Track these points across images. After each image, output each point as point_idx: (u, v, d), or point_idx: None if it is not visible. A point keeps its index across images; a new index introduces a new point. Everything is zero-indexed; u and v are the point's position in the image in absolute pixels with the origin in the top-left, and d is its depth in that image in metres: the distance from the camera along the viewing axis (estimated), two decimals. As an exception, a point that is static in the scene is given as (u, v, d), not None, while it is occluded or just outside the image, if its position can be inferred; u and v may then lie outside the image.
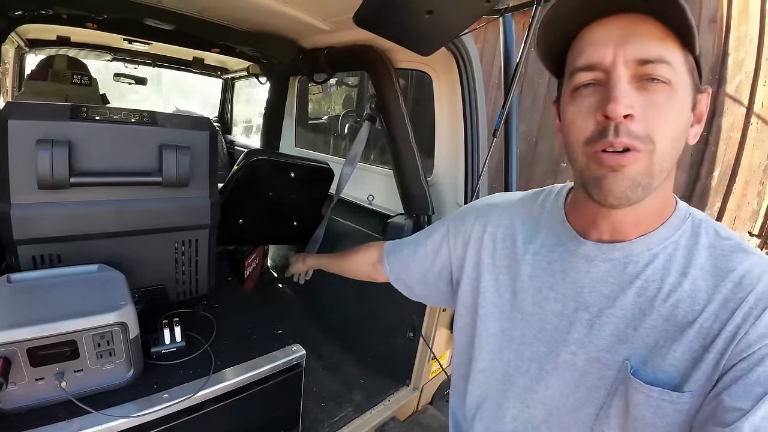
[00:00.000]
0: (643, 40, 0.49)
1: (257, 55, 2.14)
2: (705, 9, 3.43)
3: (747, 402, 0.45)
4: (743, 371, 0.46)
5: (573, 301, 0.62)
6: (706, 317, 0.51)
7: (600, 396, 0.58)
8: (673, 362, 0.52)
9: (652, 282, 0.56)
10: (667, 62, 0.49)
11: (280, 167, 1.56)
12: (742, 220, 3.22)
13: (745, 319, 0.48)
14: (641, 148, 0.49)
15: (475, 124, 1.41)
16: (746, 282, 0.50)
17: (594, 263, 0.61)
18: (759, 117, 3.15)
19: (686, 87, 0.51)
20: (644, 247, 0.57)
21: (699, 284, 0.53)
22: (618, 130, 0.49)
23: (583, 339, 0.60)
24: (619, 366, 0.56)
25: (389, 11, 0.90)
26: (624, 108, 0.48)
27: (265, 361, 0.93)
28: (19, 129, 0.79)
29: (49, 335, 0.66)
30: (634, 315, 0.56)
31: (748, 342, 0.47)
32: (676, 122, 0.51)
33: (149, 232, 0.97)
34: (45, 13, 1.61)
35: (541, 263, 0.67)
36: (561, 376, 0.62)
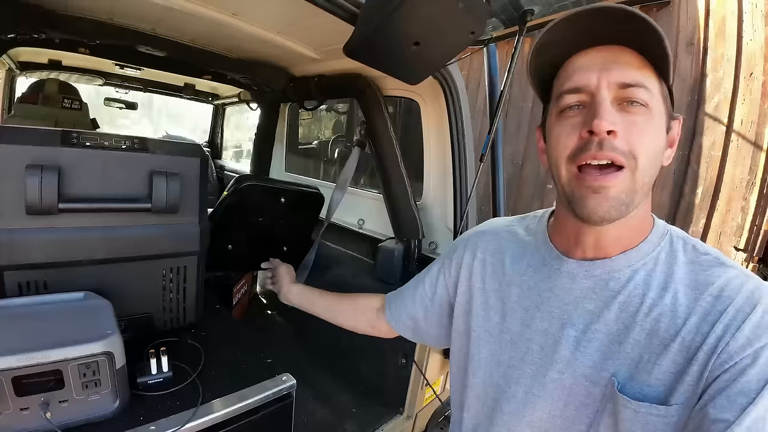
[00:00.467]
0: (624, 67, 0.54)
1: (248, 82, 2.18)
2: (682, 32, 3.59)
3: (732, 413, 0.46)
4: (727, 382, 0.48)
5: (559, 320, 0.63)
6: (687, 330, 0.52)
7: (589, 414, 0.59)
8: (659, 376, 0.53)
9: (634, 297, 0.58)
10: (645, 87, 0.53)
11: (270, 192, 1.57)
12: (727, 235, 3.29)
13: (725, 331, 0.50)
14: (625, 163, 0.53)
15: (462, 149, 1.44)
16: (725, 295, 0.52)
17: (577, 280, 0.62)
18: (739, 134, 3.26)
19: (661, 111, 0.56)
20: (625, 264, 0.60)
21: (679, 298, 0.55)
22: (602, 145, 0.53)
23: (569, 357, 0.61)
24: (606, 382, 0.57)
25: (378, 42, 0.94)
26: (608, 124, 0.52)
27: (254, 392, 0.91)
28: (9, 153, 0.79)
29: (34, 364, 0.65)
30: (618, 330, 0.57)
31: (729, 354, 0.49)
32: (654, 142, 0.55)
33: (137, 259, 0.96)
34: (38, 37, 1.62)
35: (527, 283, 0.68)
36: (549, 396, 0.62)
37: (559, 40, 0.57)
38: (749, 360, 0.48)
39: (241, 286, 1.98)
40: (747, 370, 0.47)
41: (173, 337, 1.04)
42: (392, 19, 0.86)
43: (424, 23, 0.89)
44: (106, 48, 1.91)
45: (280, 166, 2.64)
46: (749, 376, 0.47)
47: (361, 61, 1.03)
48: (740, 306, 0.51)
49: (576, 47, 0.57)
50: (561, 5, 1.13)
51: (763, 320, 0.49)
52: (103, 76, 2.81)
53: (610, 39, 0.55)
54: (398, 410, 1.55)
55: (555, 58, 0.59)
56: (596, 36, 0.55)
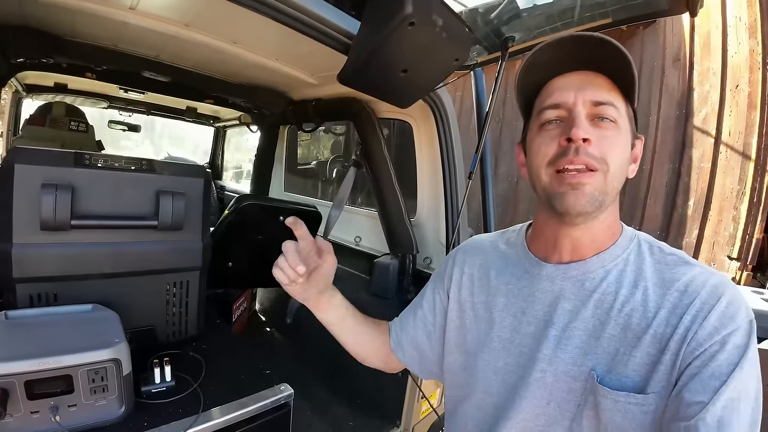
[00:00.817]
0: (597, 88, 0.62)
1: (249, 105, 2.26)
2: (669, 48, 3.71)
3: (706, 395, 0.50)
4: (698, 368, 0.52)
5: (542, 321, 0.68)
6: (658, 323, 0.57)
7: (570, 409, 0.63)
8: (635, 368, 0.58)
9: (608, 294, 0.63)
10: (614, 106, 0.62)
11: (269, 211, 1.63)
12: (720, 245, 3.34)
13: (693, 322, 0.55)
14: (597, 167, 0.60)
15: (452, 167, 1.51)
16: (691, 289, 0.57)
17: (555, 282, 0.68)
18: (727, 145, 3.36)
19: (627, 129, 0.64)
20: (598, 265, 0.65)
21: (649, 294, 0.60)
22: (578, 151, 0.60)
23: (551, 355, 0.65)
24: (586, 376, 0.61)
25: (369, 70, 1.01)
26: (584, 132, 0.60)
27: (253, 400, 0.94)
28: (25, 173, 0.84)
29: (46, 369, 0.69)
30: (595, 326, 0.62)
31: (699, 341, 0.53)
32: (621, 153, 0.63)
33: (143, 273, 1.01)
34: (46, 62, 1.69)
35: (512, 291, 0.73)
36: (532, 395, 0.66)
37: (545, 62, 0.65)
38: (718, 346, 0.52)
39: (240, 303, 2.01)
40: (716, 355, 0.52)
41: (175, 349, 1.08)
42: (381, 49, 0.93)
43: (411, 52, 0.97)
44: (112, 73, 1.98)
45: (280, 186, 2.71)
46: (719, 360, 0.51)
47: (354, 88, 1.10)
48: (705, 298, 0.56)
49: (557, 71, 0.65)
50: (540, 31, 1.22)
51: (728, 310, 0.54)
52: (108, 99, 2.88)
53: (586, 65, 0.63)
54: (395, 423, 1.57)
55: (539, 80, 0.68)
56: (575, 61, 0.64)
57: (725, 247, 3.30)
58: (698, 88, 3.53)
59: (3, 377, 0.66)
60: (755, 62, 3.22)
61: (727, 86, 3.35)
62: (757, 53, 3.21)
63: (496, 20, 1.19)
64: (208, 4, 1.09)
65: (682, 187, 3.56)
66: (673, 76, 3.66)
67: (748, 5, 3.25)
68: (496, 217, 1.59)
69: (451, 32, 0.96)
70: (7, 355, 0.69)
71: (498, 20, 1.19)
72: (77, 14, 1.22)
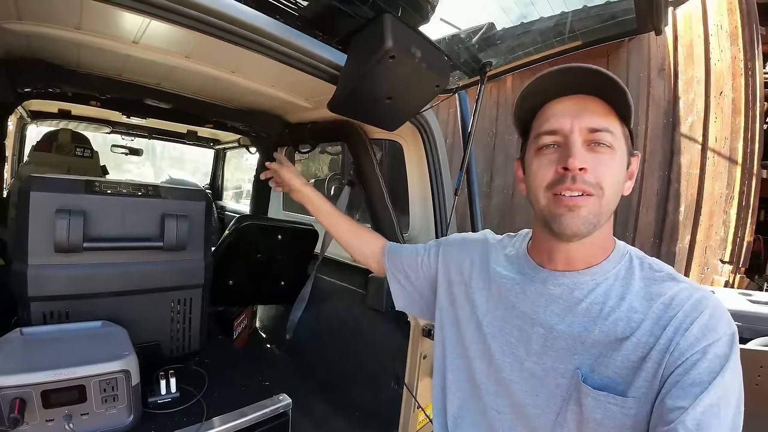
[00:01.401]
0: (592, 115, 0.66)
1: (247, 129, 2.35)
2: (654, 59, 3.80)
3: (687, 401, 0.52)
4: (680, 376, 0.55)
5: (530, 318, 0.73)
6: (641, 333, 0.61)
7: (557, 402, 0.68)
8: (616, 370, 0.62)
9: (595, 305, 0.67)
10: (610, 132, 0.65)
11: (267, 231, 1.70)
12: (712, 249, 3.37)
13: (675, 332, 0.58)
14: (593, 192, 0.64)
15: (440, 184, 1.58)
16: (675, 303, 0.61)
17: (547, 287, 0.73)
18: (714, 151, 3.42)
19: (623, 151, 0.67)
20: (589, 278, 0.70)
21: (635, 306, 0.64)
22: (575, 179, 0.64)
23: (540, 351, 0.71)
24: (571, 374, 0.66)
25: (356, 99, 1.10)
26: (580, 162, 0.64)
27: (253, 410, 1.00)
28: (40, 200, 0.93)
29: (61, 379, 0.75)
30: (580, 331, 0.67)
31: (681, 351, 0.57)
32: (616, 176, 0.66)
33: (149, 291, 1.08)
34: (52, 91, 1.78)
35: (506, 286, 0.79)
36: (525, 383, 0.72)
37: (539, 90, 0.70)
38: (699, 355, 0.55)
39: (241, 320, 2.07)
40: (698, 363, 0.54)
41: (179, 363, 1.14)
42: (366, 80, 1.02)
43: (393, 82, 1.05)
44: (115, 101, 2.04)
45: (278, 205, 2.78)
46: (700, 368, 0.54)
47: (343, 115, 1.18)
48: (688, 311, 0.59)
49: (552, 95, 0.70)
50: (515, 56, 1.31)
51: (710, 322, 0.57)
52: (110, 124, 2.95)
53: (581, 90, 0.67)
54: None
55: (535, 105, 0.73)
56: (571, 87, 0.68)
57: (717, 251, 3.34)
58: (684, 96, 3.61)
59: (21, 387, 0.73)
60: (738, 68, 3.29)
61: (712, 93, 3.42)
62: (740, 59, 3.28)
63: (473, 47, 1.28)
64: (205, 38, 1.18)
65: (672, 194, 3.61)
66: (658, 86, 3.75)
67: (728, 12, 3.34)
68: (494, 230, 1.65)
69: (430, 62, 1.05)
70: (24, 368, 0.75)
71: (476, 47, 1.28)
72: (82, 47, 1.30)
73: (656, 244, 3.68)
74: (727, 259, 3.27)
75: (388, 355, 1.63)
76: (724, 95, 3.39)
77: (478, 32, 1.23)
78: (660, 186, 3.69)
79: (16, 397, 0.72)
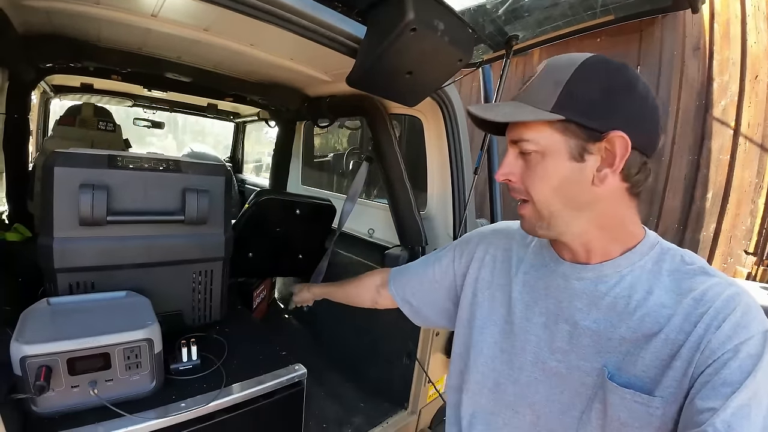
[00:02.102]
0: (512, 127, 0.68)
1: (266, 103, 2.34)
2: (688, 37, 3.61)
3: (717, 401, 0.50)
4: (710, 375, 0.53)
5: (554, 315, 0.71)
6: (671, 329, 0.59)
7: (582, 400, 0.66)
8: (644, 368, 0.60)
9: (621, 299, 0.65)
10: (526, 140, 0.65)
11: (286, 205, 1.71)
12: (737, 239, 3.27)
13: (706, 330, 0.56)
14: (525, 198, 0.68)
15: (459, 162, 1.56)
16: (706, 298, 0.58)
17: (569, 281, 0.71)
18: (746, 137, 3.26)
19: (557, 148, 0.63)
20: (613, 269, 0.67)
21: (664, 301, 0.61)
22: (510, 188, 0.70)
23: (565, 348, 0.69)
24: (597, 372, 0.64)
25: (375, 73, 1.07)
26: (501, 175, 0.69)
27: (270, 378, 1.04)
28: (64, 175, 0.95)
29: (86, 347, 0.79)
30: (606, 327, 0.65)
31: (712, 350, 0.54)
32: (547, 177, 0.64)
33: (171, 263, 1.11)
34: (74, 66, 1.80)
35: (529, 281, 0.77)
36: (547, 382, 0.71)
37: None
38: (731, 354, 0.52)
39: (260, 291, 2.12)
40: (729, 362, 0.52)
41: (201, 332, 1.18)
42: (386, 53, 0.99)
43: (414, 56, 1.02)
44: (136, 74, 2.07)
45: (297, 179, 2.80)
46: (731, 368, 0.52)
47: (362, 90, 1.16)
48: (720, 308, 0.56)
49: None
50: (542, 30, 1.25)
51: (743, 320, 0.54)
52: (132, 98, 3.00)
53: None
54: (403, 405, 1.66)
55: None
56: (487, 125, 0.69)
57: (742, 241, 3.23)
58: (718, 78, 3.43)
59: (47, 356, 0.76)
60: (775, 52, 3.12)
61: (747, 77, 3.25)
62: (777, 43, 3.11)
63: (500, 19, 1.23)
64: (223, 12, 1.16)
65: (700, 180, 3.48)
66: (692, 65, 3.56)
67: None
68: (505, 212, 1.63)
69: (453, 35, 1.01)
70: (50, 337, 0.78)
71: (502, 19, 1.22)
72: (103, 22, 1.31)
73: (680, 230, 3.57)
74: (751, 251, 3.16)
75: (401, 330, 1.65)
76: (759, 79, 3.20)
77: (505, 3, 1.18)
78: (688, 171, 3.55)
79: (43, 365, 0.75)
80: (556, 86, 0.62)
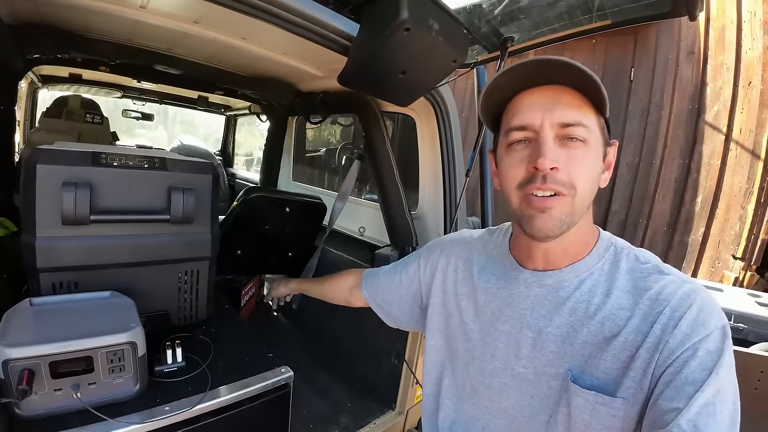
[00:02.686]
0: (565, 108, 0.61)
1: (258, 97, 2.31)
2: (683, 42, 3.64)
3: (681, 402, 0.51)
4: (672, 375, 0.54)
5: (518, 322, 0.72)
6: (629, 330, 0.60)
7: (550, 404, 0.67)
8: (605, 370, 0.61)
9: (581, 303, 0.66)
10: (583, 125, 0.61)
11: (276, 203, 1.69)
12: (725, 244, 3.32)
13: (663, 330, 0.57)
14: (565, 192, 0.61)
15: (451, 163, 1.55)
16: (662, 298, 0.59)
17: (531, 288, 0.71)
18: (738, 143, 3.31)
19: (598, 143, 0.64)
20: (573, 275, 0.68)
21: (621, 302, 0.62)
22: (545, 179, 0.61)
23: (530, 354, 0.70)
24: (563, 376, 0.65)
25: (368, 72, 1.06)
26: (551, 162, 0.60)
27: (256, 381, 1.02)
28: (46, 173, 0.92)
29: (69, 351, 0.77)
30: (569, 332, 0.66)
31: (671, 349, 0.55)
32: (591, 171, 0.63)
33: (156, 263, 1.08)
34: (62, 56, 1.75)
35: (491, 290, 0.78)
36: (517, 387, 0.72)
37: (507, 84, 0.65)
38: (690, 352, 0.53)
39: (248, 289, 2.10)
40: (689, 361, 0.53)
41: (186, 332, 1.15)
42: (379, 52, 0.97)
43: (408, 55, 1.01)
44: (125, 66, 2.03)
45: (288, 175, 2.77)
46: (692, 366, 0.53)
47: (354, 88, 1.15)
48: (675, 306, 0.57)
49: (522, 87, 0.65)
50: (538, 32, 1.24)
51: (699, 317, 0.56)
52: (121, 89, 2.94)
53: (552, 80, 0.62)
54: (390, 406, 1.66)
55: (503, 98, 0.68)
56: (542, 77, 0.63)
57: (730, 246, 3.28)
58: (711, 83, 3.47)
59: (30, 359, 0.74)
60: (769, 59, 3.15)
61: (740, 83, 3.29)
62: (772, 50, 3.14)
63: (495, 20, 1.22)
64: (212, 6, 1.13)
65: (691, 184, 3.52)
66: (686, 69, 3.59)
67: (763, 0, 3.17)
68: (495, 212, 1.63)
69: (448, 35, 1.00)
70: (33, 339, 0.76)
71: (497, 21, 1.21)
72: (90, 12, 1.27)
73: (669, 233, 3.62)
74: (739, 255, 3.21)
75: (390, 330, 1.64)
76: (753, 86, 3.24)
77: (501, 4, 1.16)
78: (679, 174, 3.59)
79: (25, 368, 0.73)
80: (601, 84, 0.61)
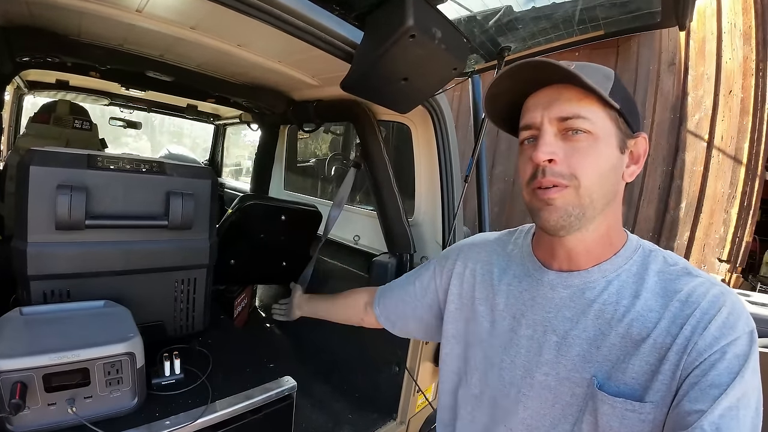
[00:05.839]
0: (563, 103, 0.62)
1: (250, 105, 2.29)
2: (664, 53, 3.75)
3: (705, 403, 0.50)
4: (698, 377, 0.53)
5: (542, 326, 0.70)
6: (658, 333, 0.58)
7: (573, 412, 0.65)
8: (633, 375, 0.59)
9: (608, 305, 0.64)
10: (583, 117, 0.61)
11: (272, 211, 1.67)
12: (710, 247, 3.40)
13: (693, 332, 0.56)
14: (566, 183, 0.61)
15: (449, 170, 1.55)
16: (692, 300, 0.58)
17: (556, 290, 0.70)
18: (719, 150, 3.42)
19: (609, 134, 0.63)
20: (599, 275, 0.67)
21: (650, 304, 0.61)
22: (545, 172, 0.62)
23: (553, 360, 0.67)
24: (587, 383, 0.63)
25: (371, 79, 1.05)
26: (545, 154, 0.61)
27: (258, 392, 0.99)
28: (40, 175, 0.88)
29: (64, 362, 0.73)
30: (595, 335, 0.64)
31: (699, 351, 0.54)
32: (598, 162, 0.62)
33: (153, 270, 1.05)
34: (51, 61, 1.71)
35: (513, 293, 0.76)
36: (537, 396, 0.69)
37: (507, 90, 0.67)
38: (718, 355, 0.53)
39: (241, 299, 2.06)
40: (716, 364, 0.52)
41: (183, 343, 1.12)
42: (383, 59, 0.97)
43: (411, 62, 1.01)
44: (116, 72, 1.99)
45: (279, 184, 2.75)
46: (719, 369, 0.52)
47: (356, 95, 1.14)
48: (706, 309, 0.56)
49: (527, 90, 0.66)
50: (535, 42, 1.26)
51: (728, 320, 0.55)
52: (109, 96, 2.88)
53: (554, 80, 0.63)
54: (392, 416, 1.63)
55: (513, 101, 0.69)
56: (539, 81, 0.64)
57: (715, 249, 3.37)
58: (692, 92, 3.59)
59: (22, 371, 0.70)
60: (749, 68, 3.27)
61: (721, 91, 3.41)
62: (751, 60, 3.25)
63: (492, 30, 1.23)
64: (214, 9, 1.12)
65: (674, 190, 3.62)
66: (668, 80, 3.71)
67: (743, 12, 3.29)
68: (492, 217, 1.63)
69: (449, 44, 1.01)
70: (24, 351, 0.72)
71: (494, 30, 1.23)
72: (84, 16, 1.24)
73: (655, 238, 3.69)
74: (724, 258, 3.29)
75: (390, 338, 1.62)
76: (733, 94, 3.36)
77: (498, 13, 1.18)
78: (663, 181, 3.69)
79: (17, 381, 0.69)
80: (606, 78, 0.62)
